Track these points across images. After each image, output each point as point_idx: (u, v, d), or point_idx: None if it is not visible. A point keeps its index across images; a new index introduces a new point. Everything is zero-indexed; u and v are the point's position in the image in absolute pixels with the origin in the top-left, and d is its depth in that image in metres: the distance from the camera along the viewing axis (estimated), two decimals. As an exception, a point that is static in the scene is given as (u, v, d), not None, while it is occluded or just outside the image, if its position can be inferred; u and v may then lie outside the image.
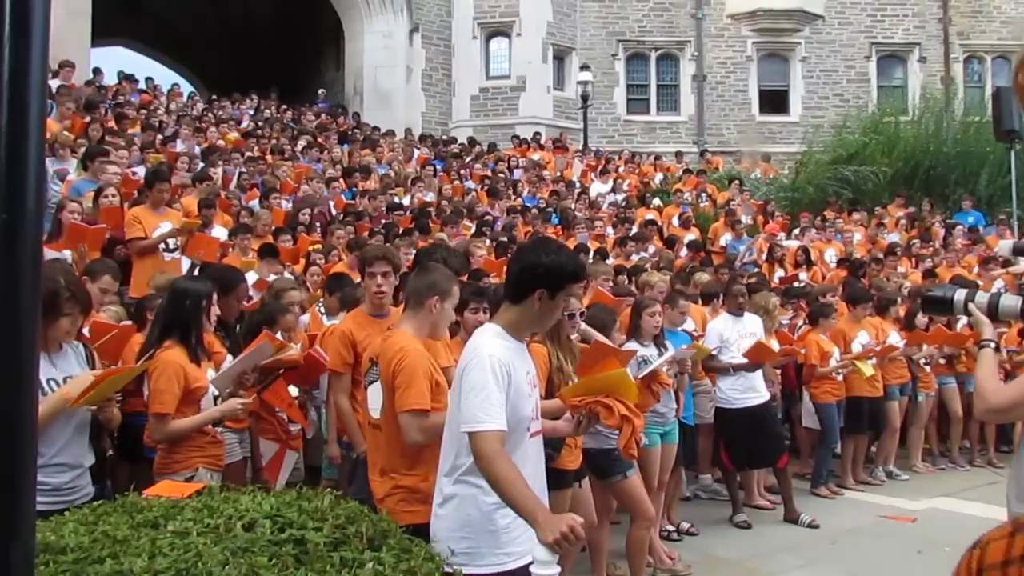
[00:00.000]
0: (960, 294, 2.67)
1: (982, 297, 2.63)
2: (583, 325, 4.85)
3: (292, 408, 4.93)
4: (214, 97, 20.44)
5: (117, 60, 30.06)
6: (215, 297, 4.05)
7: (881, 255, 11.85)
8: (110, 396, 3.26)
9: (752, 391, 6.72)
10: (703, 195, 15.90)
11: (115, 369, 3.47)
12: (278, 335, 4.79)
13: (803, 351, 7.61)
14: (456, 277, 3.74)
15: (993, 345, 2.54)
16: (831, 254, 12.89)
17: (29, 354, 1.52)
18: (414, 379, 3.31)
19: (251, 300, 6.34)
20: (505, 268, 3.33)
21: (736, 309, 6.97)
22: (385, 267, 4.50)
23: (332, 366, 4.36)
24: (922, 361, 8.36)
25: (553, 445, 4.01)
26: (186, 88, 23.40)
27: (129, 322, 5.18)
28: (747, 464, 7.01)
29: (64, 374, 3.25)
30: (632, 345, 5.66)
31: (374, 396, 3.74)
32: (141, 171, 10.21)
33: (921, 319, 8.03)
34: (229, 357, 4.63)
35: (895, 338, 8.08)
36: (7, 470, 1.46)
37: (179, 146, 12.74)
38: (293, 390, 5.11)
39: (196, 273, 6.22)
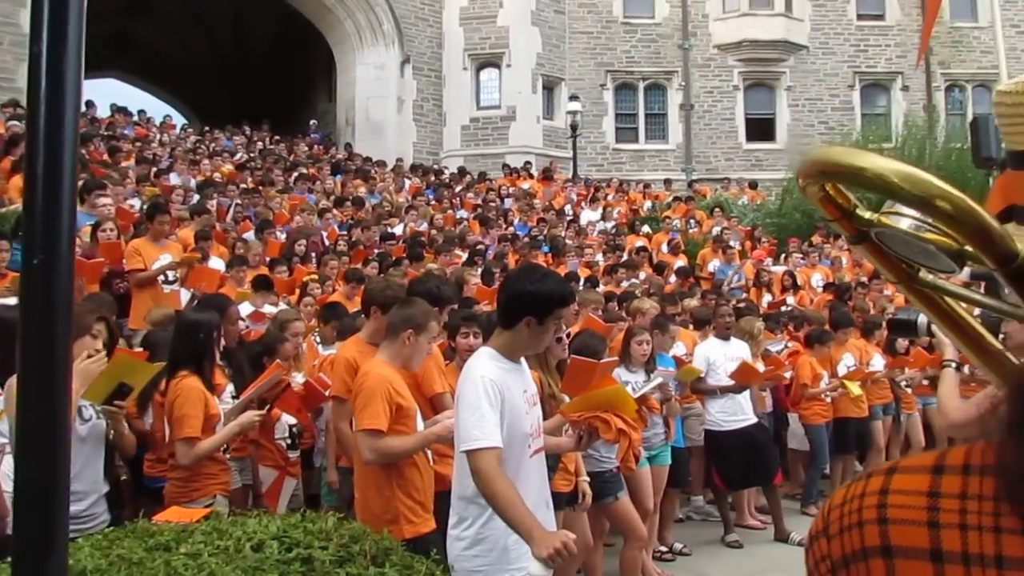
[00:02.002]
0: (923, 317, 2.80)
1: (944, 320, 2.75)
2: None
3: (300, 413, 5.08)
4: (207, 129, 20.64)
5: (109, 92, 30.29)
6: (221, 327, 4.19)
7: (867, 279, 12.04)
8: (119, 405, 3.32)
9: (740, 413, 6.85)
10: (692, 222, 16.13)
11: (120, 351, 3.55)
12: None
13: (790, 374, 7.77)
14: (435, 312, 3.90)
15: (954, 365, 2.70)
16: (818, 279, 13.08)
17: (63, 382, 1.65)
18: (371, 401, 3.46)
19: (247, 331, 6.46)
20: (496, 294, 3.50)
21: (723, 333, 7.15)
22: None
23: (336, 392, 4.48)
24: (903, 384, 8.53)
25: (548, 465, 4.12)
26: (178, 120, 23.62)
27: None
28: (741, 484, 7.14)
29: (83, 403, 3.35)
30: (620, 371, 5.80)
31: None
32: (136, 204, 10.37)
33: (901, 342, 8.21)
34: (230, 386, 4.76)
35: (878, 360, 8.26)
36: (43, 491, 1.59)
37: (173, 179, 12.88)
38: (290, 419, 5.24)
39: (195, 305, 6.35)
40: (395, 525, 3.43)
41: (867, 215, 0.93)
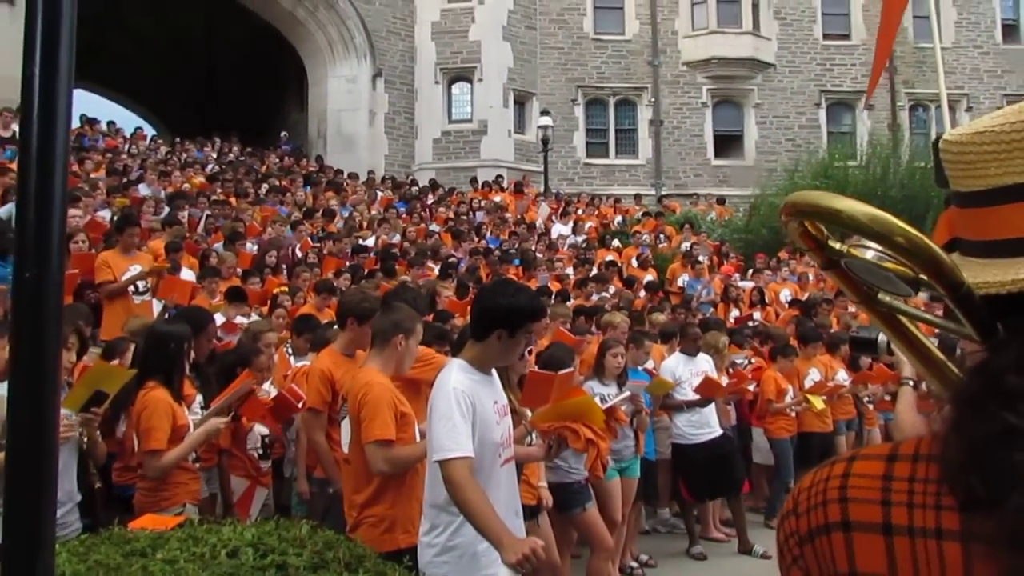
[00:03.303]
0: (883, 336, 2.92)
1: (902, 338, 2.86)
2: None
3: (267, 419, 5.09)
4: (177, 140, 20.53)
5: (78, 104, 29.96)
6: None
7: (832, 295, 12.24)
8: (95, 412, 3.37)
9: (707, 427, 6.99)
10: (661, 237, 16.33)
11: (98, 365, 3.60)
12: (249, 376, 4.95)
13: (753, 387, 7.92)
14: (420, 316, 3.95)
15: (912, 383, 2.82)
16: (786, 294, 13.28)
17: (51, 387, 1.71)
18: (379, 411, 3.47)
19: (221, 341, 6.48)
20: (470, 307, 3.57)
21: (691, 349, 7.28)
22: None
23: (312, 403, 4.49)
24: (866, 399, 8.71)
25: (514, 476, 4.20)
26: (148, 131, 23.46)
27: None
28: (709, 495, 7.25)
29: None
30: (593, 383, 5.90)
31: (345, 432, 3.92)
32: (107, 215, 10.33)
33: (864, 359, 8.38)
34: (199, 398, 4.79)
35: (842, 375, 8.43)
36: (32, 492, 1.65)
37: (143, 190, 12.82)
38: (263, 429, 5.27)
39: (168, 316, 6.37)
40: (390, 534, 3.46)
41: (838, 246, 1.07)
